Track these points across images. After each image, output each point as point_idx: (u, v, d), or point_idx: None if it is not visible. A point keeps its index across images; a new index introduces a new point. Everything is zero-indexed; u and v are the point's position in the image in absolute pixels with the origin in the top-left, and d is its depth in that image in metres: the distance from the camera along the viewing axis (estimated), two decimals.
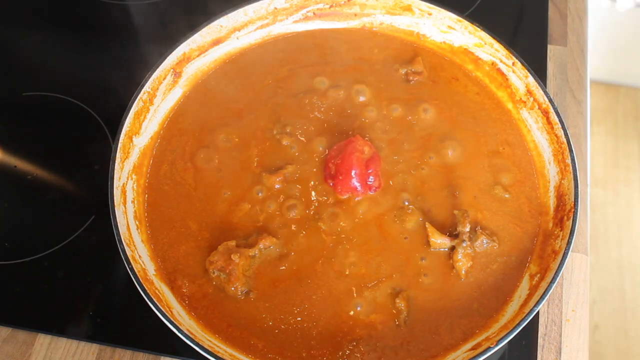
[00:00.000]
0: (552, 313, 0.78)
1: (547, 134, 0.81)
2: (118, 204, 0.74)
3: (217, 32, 0.88)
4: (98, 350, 0.77)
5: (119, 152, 0.77)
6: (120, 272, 0.80)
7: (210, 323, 0.72)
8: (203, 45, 0.87)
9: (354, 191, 0.77)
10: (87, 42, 1.04)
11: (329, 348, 0.70)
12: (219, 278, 0.73)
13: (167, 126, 0.85)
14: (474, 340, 0.70)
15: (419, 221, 0.77)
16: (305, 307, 0.72)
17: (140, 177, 0.81)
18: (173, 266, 0.75)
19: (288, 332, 0.71)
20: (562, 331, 0.77)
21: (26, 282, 0.81)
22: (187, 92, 0.88)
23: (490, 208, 0.78)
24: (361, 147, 0.77)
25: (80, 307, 0.79)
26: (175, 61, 0.85)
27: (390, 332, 0.71)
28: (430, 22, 0.90)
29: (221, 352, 0.68)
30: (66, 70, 1.00)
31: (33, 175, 0.90)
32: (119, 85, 0.94)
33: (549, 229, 0.76)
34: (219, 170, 0.81)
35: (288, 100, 0.87)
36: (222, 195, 0.79)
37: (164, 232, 0.77)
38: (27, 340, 0.78)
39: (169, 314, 0.68)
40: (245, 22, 0.89)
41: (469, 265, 0.73)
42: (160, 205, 0.79)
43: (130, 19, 1.06)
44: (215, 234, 0.77)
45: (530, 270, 0.74)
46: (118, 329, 0.77)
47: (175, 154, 0.83)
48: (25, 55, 1.03)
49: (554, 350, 0.76)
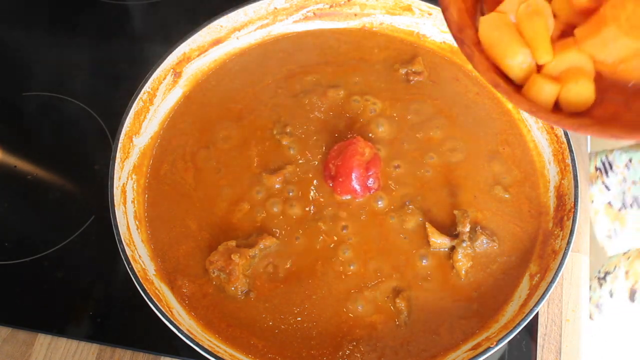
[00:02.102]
0: (552, 313, 0.78)
1: (547, 133, 0.81)
2: (118, 204, 0.74)
3: (217, 32, 0.88)
4: (98, 350, 0.77)
5: (119, 152, 0.77)
6: (120, 272, 0.80)
7: (210, 323, 0.72)
8: (203, 45, 0.87)
9: (354, 193, 0.77)
10: (87, 42, 1.04)
11: (329, 348, 0.70)
12: (219, 278, 0.73)
13: (167, 126, 0.85)
14: (474, 340, 0.70)
15: (419, 221, 0.77)
16: (305, 307, 0.72)
17: (140, 177, 0.81)
18: (173, 266, 0.75)
19: (288, 332, 0.71)
20: (562, 331, 0.77)
21: (26, 282, 0.81)
22: (187, 92, 0.88)
23: (490, 208, 0.78)
24: (362, 149, 0.76)
25: (80, 307, 0.79)
26: (175, 61, 0.85)
27: (390, 332, 0.71)
28: (430, 22, 0.90)
29: (221, 352, 0.68)
30: (66, 70, 1.00)
31: (33, 175, 0.90)
32: (119, 85, 0.94)
33: (549, 229, 0.76)
34: (219, 170, 0.81)
35: (288, 100, 0.87)
36: (222, 195, 0.79)
37: (164, 232, 0.77)
38: (27, 340, 0.78)
39: (169, 314, 0.68)
40: (245, 22, 0.89)
41: (469, 265, 0.73)
42: (160, 205, 0.79)
43: (130, 19, 1.06)
44: (215, 234, 0.77)
45: (530, 270, 0.74)
46: (118, 329, 0.77)
47: (175, 154, 0.83)
48: (25, 55, 1.03)
49: (554, 350, 0.76)
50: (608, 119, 0.50)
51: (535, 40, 0.51)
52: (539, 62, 0.52)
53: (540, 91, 0.51)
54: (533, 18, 0.50)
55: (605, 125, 0.49)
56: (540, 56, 0.51)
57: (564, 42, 0.52)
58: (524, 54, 0.51)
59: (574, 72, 0.51)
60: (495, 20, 0.52)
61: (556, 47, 0.52)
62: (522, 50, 0.51)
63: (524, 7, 0.51)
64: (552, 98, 0.51)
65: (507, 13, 0.52)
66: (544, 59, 0.51)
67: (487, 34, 0.52)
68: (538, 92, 0.51)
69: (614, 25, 0.47)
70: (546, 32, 0.51)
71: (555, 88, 0.51)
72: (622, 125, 0.49)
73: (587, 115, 0.52)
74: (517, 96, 0.51)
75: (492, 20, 0.52)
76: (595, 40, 0.49)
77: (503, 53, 0.52)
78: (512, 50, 0.51)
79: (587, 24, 0.50)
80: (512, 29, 0.51)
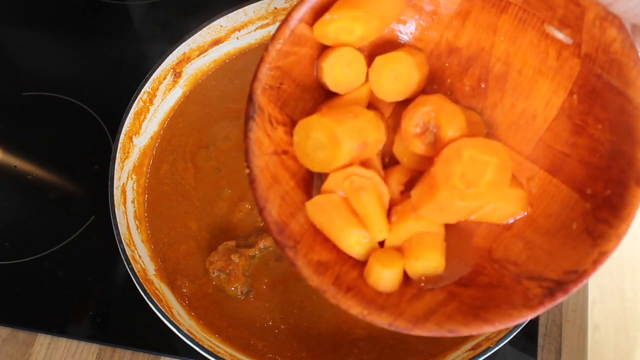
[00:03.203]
0: (552, 313, 0.78)
1: None
2: (118, 204, 0.74)
3: (217, 32, 0.88)
4: (98, 350, 0.77)
5: (119, 152, 0.77)
6: (120, 272, 0.80)
7: (210, 323, 0.72)
8: (203, 45, 0.87)
9: None
10: (87, 42, 1.04)
11: (329, 348, 0.70)
12: (219, 278, 0.73)
13: (167, 126, 0.85)
14: (474, 340, 0.70)
15: None
16: (305, 307, 0.72)
17: (140, 177, 0.81)
18: (173, 266, 0.75)
19: (288, 332, 0.71)
20: (562, 331, 0.77)
21: (26, 282, 0.81)
22: (187, 92, 0.88)
23: None
24: None
25: (80, 307, 0.79)
26: (175, 61, 0.85)
27: (390, 332, 0.71)
28: None
29: (221, 352, 0.68)
30: (66, 70, 1.00)
31: (33, 175, 0.90)
32: (119, 85, 0.94)
33: None
34: (219, 170, 0.81)
35: None
36: (222, 195, 0.79)
37: (164, 232, 0.78)
38: (27, 340, 0.78)
39: (169, 314, 0.68)
40: (245, 22, 0.89)
41: None
42: (160, 205, 0.79)
43: (130, 19, 1.06)
44: (215, 234, 0.77)
45: None
46: (118, 329, 0.77)
47: (175, 154, 0.83)
48: (25, 55, 1.04)
49: (554, 350, 0.76)
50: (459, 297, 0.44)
51: (367, 217, 0.45)
52: (375, 240, 0.46)
53: (378, 279, 0.45)
54: (359, 194, 0.44)
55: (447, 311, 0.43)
56: (375, 235, 0.45)
57: (402, 208, 0.46)
58: (357, 233, 0.45)
59: (417, 242, 0.45)
60: (321, 204, 0.46)
61: (394, 214, 0.46)
62: (354, 230, 0.45)
63: (347, 183, 0.45)
64: (395, 281, 0.45)
65: (334, 190, 0.46)
66: (379, 236, 0.45)
67: (317, 219, 0.46)
68: (377, 280, 0.45)
69: (445, 189, 0.41)
70: (376, 206, 0.45)
71: (394, 271, 0.45)
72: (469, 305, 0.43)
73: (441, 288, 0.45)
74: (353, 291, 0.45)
75: (318, 204, 0.46)
76: (431, 206, 0.43)
77: (337, 236, 0.46)
78: (344, 232, 0.45)
79: (420, 185, 0.44)
80: (342, 207, 0.45)
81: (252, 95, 0.46)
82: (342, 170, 0.45)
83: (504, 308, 0.43)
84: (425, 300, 0.45)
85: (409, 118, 0.45)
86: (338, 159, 0.44)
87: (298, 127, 0.45)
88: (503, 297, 0.43)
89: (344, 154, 0.44)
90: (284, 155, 0.47)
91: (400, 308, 0.44)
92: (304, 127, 0.45)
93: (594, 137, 0.44)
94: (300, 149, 0.46)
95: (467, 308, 0.43)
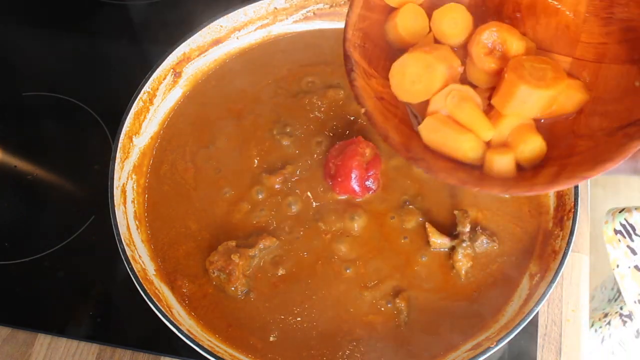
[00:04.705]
0: (552, 313, 0.78)
1: None
2: (118, 204, 0.74)
3: (217, 32, 0.88)
4: (98, 350, 0.77)
5: (119, 152, 0.77)
6: (120, 272, 0.80)
7: (210, 323, 0.72)
8: (203, 45, 0.87)
9: (352, 193, 0.77)
10: (87, 42, 1.04)
11: (329, 348, 0.70)
12: (219, 278, 0.73)
13: (167, 126, 0.85)
14: (474, 340, 0.70)
15: (419, 221, 0.77)
16: (305, 307, 0.72)
17: (140, 177, 0.81)
18: (173, 266, 0.75)
19: (288, 332, 0.71)
20: (562, 331, 0.77)
21: (26, 282, 0.81)
22: (187, 92, 0.88)
23: (490, 208, 0.78)
24: (362, 149, 0.76)
25: (80, 307, 0.79)
26: (175, 61, 0.85)
27: (390, 332, 0.71)
28: None
29: (221, 352, 0.68)
30: (66, 70, 1.00)
31: (33, 175, 0.90)
32: (119, 85, 0.94)
33: (549, 229, 0.76)
34: (219, 170, 0.81)
35: (288, 100, 0.87)
36: (222, 195, 0.79)
37: (164, 232, 0.78)
38: (27, 340, 0.78)
39: (169, 314, 0.68)
40: (245, 22, 0.89)
41: (469, 265, 0.73)
42: (160, 205, 0.79)
43: (130, 19, 1.06)
44: (215, 234, 0.77)
45: (530, 270, 0.74)
46: (118, 329, 0.77)
47: (175, 154, 0.83)
48: (25, 55, 1.03)
49: (554, 350, 0.76)
50: (569, 161, 0.51)
51: (473, 122, 0.53)
52: (484, 140, 0.53)
53: (499, 165, 0.52)
54: (462, 105, 0.52)
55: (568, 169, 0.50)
56: (484, 134, 0.53)
57: (494, 113, 0.53)
58: (469, 139, 0.53)
59: (518, 133, 0.53)
60: (432, 124, 0.53)
61: (491, 119, 0.53)
62: (466, 137, 0.52)
63: (449, 99, 0.53)
64: (511, 166, 0.52)
65: (438, 111, 0.54)
66: (487, 135, 0.53)
67: (431, 139, 0.54)
68: (498, 168, 0.52)
69: (522, 84, 0.50)
70: (478, 111, 0.53)
71: (509, 157, 0.52)
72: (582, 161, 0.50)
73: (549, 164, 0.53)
74: (485, 181, 0.52)
75: (429, 125, 0.54)
76: (514, 102, 0.51)
77: (452, 147, 0.53)
78: (458, 142, 0.53)
79: (499, 92, 0.52)
80: (449, 123, 0.53)
81: (346, 52, 0.54)
82: (442, 90, 0.53)
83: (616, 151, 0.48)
84: (545, 172, 0.52)
85: (476, 43, 0.54)
86: (435, 82, 0.53)
87: (393, 70, 0.54)
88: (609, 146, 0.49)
89: (439, 77, 0.53)
90: (383, 101, 0.55)
91: (532, 181, 0.51)
92: (399, 68, 0.54)
93: (623, 19, 0.52)
94: (399, 88, 0.55)
95: (584, 159, 0.50)
